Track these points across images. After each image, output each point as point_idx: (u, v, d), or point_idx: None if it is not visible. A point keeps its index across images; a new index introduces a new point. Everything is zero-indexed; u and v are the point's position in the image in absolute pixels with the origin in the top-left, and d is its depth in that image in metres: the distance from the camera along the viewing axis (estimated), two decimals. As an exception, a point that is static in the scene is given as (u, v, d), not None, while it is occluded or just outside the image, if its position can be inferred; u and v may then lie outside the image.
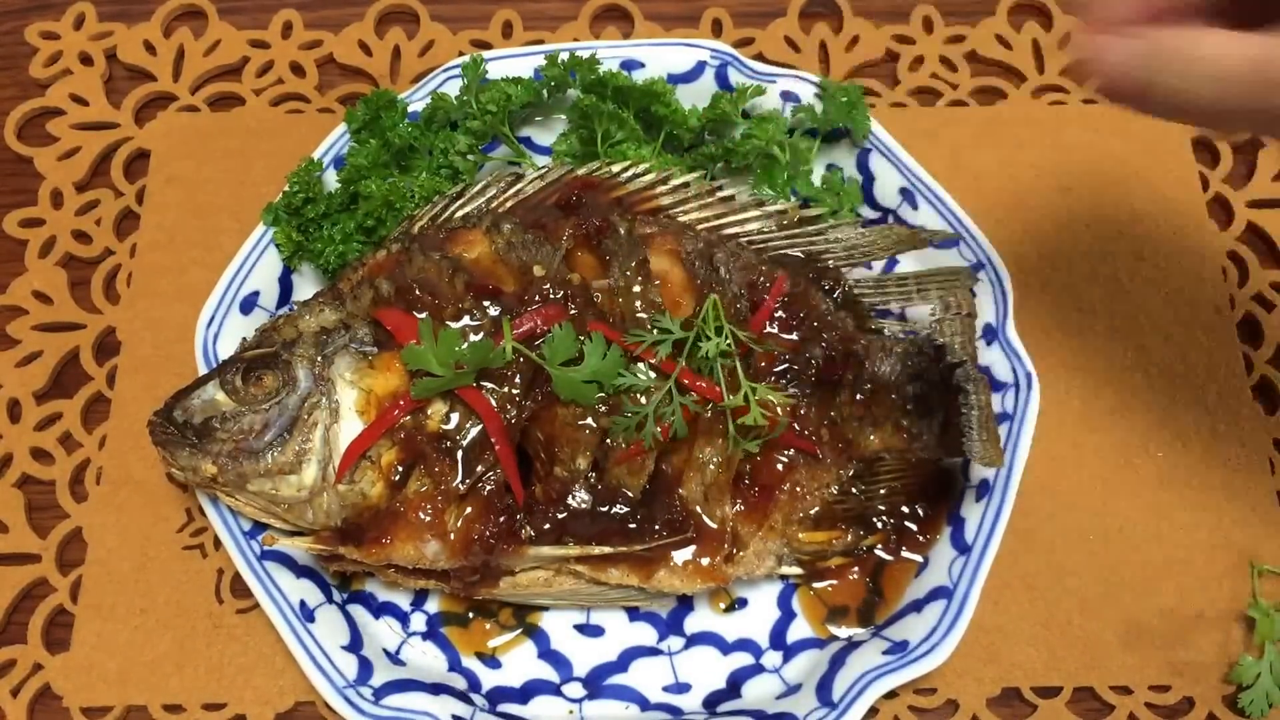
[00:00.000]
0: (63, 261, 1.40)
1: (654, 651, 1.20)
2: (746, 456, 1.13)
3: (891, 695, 1.18)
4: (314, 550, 1.11)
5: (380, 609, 1.21)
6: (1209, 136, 1.46)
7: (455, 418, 1.11)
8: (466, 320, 1.13)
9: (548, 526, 1.11)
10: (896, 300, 1.26)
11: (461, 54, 1.46)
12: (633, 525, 1.13)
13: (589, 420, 1.10)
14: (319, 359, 1.14)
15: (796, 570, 1.20)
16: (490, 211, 1.24)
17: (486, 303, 1.14)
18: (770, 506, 1.15)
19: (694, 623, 1.21)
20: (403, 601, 1.21)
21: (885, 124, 1.36)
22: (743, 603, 1.22)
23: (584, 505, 1.12)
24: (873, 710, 1.16)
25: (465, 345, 1.10)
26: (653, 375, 1.11)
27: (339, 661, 1.13)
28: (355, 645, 1.16)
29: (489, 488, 1.11)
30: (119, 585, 1.23)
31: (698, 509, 1.14)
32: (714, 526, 1.14)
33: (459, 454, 1.10)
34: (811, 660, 1.18)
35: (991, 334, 1.26)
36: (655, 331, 1.10)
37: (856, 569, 1.20)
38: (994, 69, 1.51)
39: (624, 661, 1.19)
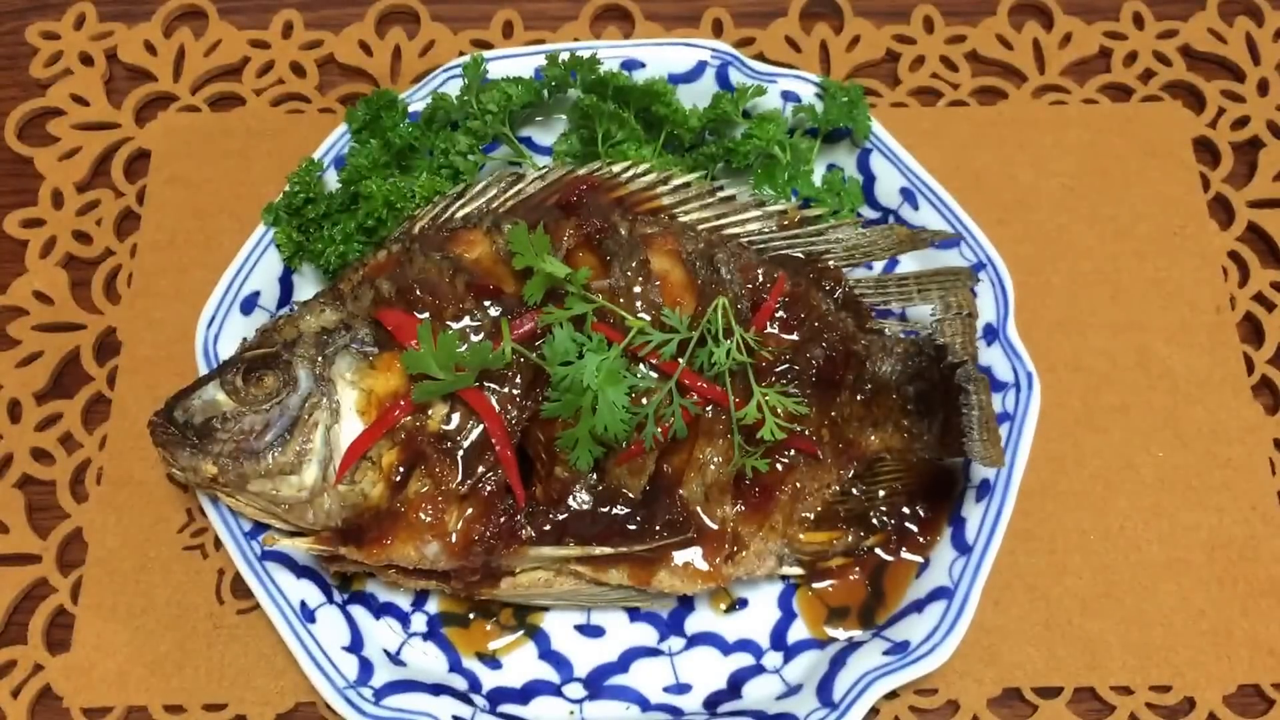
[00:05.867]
0: (63, 262, 1.40)
1: (654, 652, 1.20)
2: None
3: (892, 696, 1.18)
4: (314, 551, 1.11)
5: (381, 609, 1.21)
6: (1210, 136, 1.46)
7: (456, 418, 1.11)
8: (467, 321, 1.13)
9: (548, 527, 1.11)
10: (897, 300, 1.26)
11: (462, 54, 1.46)
12: (633, 526, 1.13)
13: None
14: (320, 359, 1.14)
15: (797, 570, 1.20)
16: (491, 212, 1.23)
17: (487, 303, 1.14)
18: (771, 507, 1.15)
19: (695, 623, 1.21)
20: (403, 602, 1.21)
21: (886, 124, 1.36)
22: (743, 603, 1.22)
23: (585, 506, 1.12)
24: (873, 711, 1.16)
25: (465, 347, 1.10)
26: (654, 376, 1.11)
27: (339, 662, 1.13)
28: (356, 646, 1.16)
29: (489, 488, 1.11)
30: (119, 586, 1.23)
31: (698, 509, 1.14)
32: (714, 527, 1.14)
33: (460, 454, 1.10)
34: (812, 661, 1.18)
35: (992, 334, 1.26)
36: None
37: (857, 569, 1.20)
38: (995, 69, 1.51)
39: (625, 662, 1.19)
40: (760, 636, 1.20)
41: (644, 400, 1.09)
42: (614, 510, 1.12)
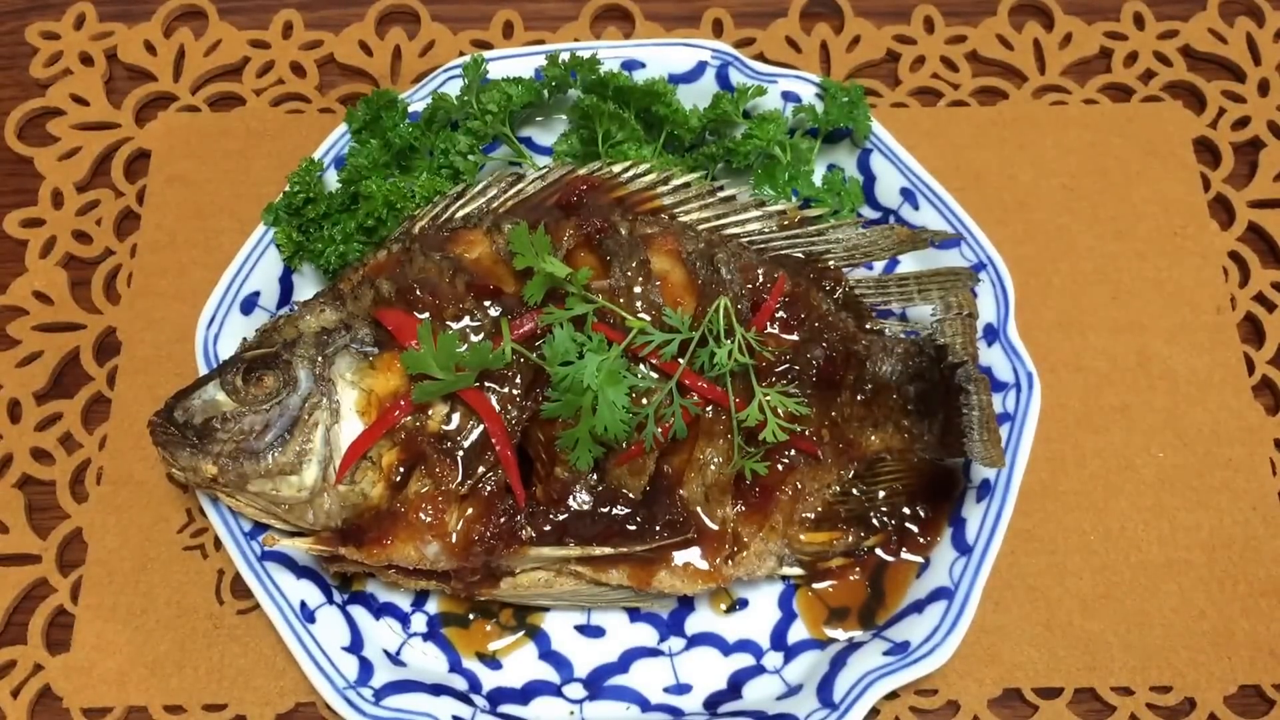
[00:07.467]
0: (63, 262, 1.40)
1: (655, 652, 1.20)
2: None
3: (893, 696, 1.18)
4: (314, 551, 1.11)
5: (381, 610, 1.21)
6: (1211, 137, 1.46)
7: (456, 418, 1.11)
8: (467, 321, 1.13)
9: (548, 527, 1.11)
10: (897, 300, 1.26)
11: (462, 54, 1.46)
12: (633, 526, 1.13)
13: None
14: (320, 359, 1.14)
15: (797, 571, 1.20)
16: (491, 212, 1.23)
17: (487, 303, 1.14)
18: (771, 507, 1.15)
19: (695, 623, 1.21)
20: (403, 602, 1.21)
21: (886, 124, 1.36)
22: (744, 603, 1.22)
23: (585, 506, 1.12)
24: (874, 711, 1.16)
25: (465, 347, 1.10)
26: (654, 376, 1.11)
27: (339, 662, 1.13)
28: (356, 646, 1.16)
29: (490, 488, 1.11)
30: (119, 586, 1.23)
31: (698, 510, 1.14)
32: (715, 527, 1.14)
33: (460, 454, 1.10)
34: (813, 661, 1.18)
35: (992, 334, 1.26)
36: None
37: (857, 570, 1.20)
38: (995, 69, 1.51)
39: (625, 662, 1.19)
40: (760, 637, 1.20)
41: (644, 400, 1.09)
42: (614, 510, 1.12)
